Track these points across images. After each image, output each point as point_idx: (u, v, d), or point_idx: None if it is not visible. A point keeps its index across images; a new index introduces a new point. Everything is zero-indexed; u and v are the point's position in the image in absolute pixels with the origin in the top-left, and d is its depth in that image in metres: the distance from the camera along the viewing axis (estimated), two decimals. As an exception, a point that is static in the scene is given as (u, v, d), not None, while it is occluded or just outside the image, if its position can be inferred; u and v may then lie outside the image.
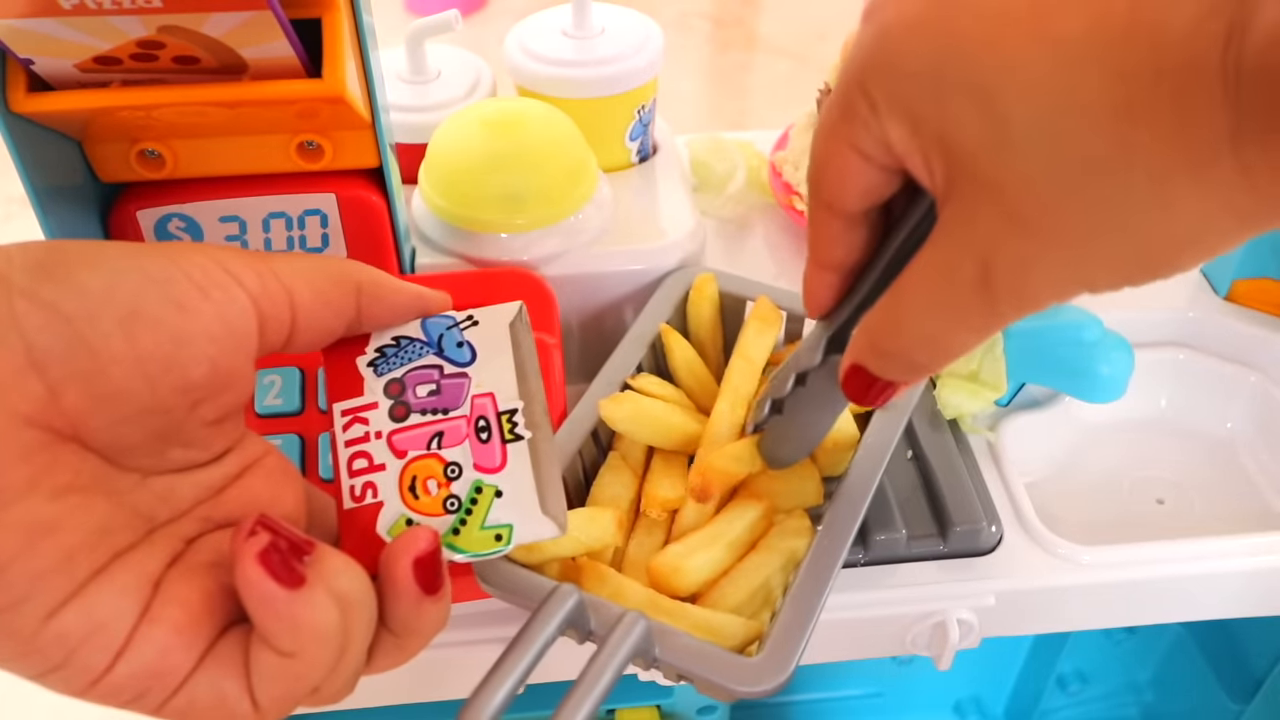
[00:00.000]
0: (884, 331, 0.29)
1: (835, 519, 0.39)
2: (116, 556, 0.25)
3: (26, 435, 0.24)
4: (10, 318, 0.24)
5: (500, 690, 0.31)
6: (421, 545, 0.28)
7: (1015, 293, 0.25)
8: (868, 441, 0.42)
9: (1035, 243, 0.24)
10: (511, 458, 0.31)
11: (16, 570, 0.23)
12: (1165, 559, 0.47)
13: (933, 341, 0.28)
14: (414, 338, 0.33)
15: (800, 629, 0.36)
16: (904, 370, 0.30)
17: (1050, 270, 0.24)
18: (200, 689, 0.26)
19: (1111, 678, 0.77)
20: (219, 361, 0.27)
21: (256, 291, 0.28)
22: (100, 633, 0.24)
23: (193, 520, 0.28)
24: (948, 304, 0.26)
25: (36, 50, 0.34)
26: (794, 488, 0.43)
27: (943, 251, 0.26)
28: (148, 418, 0.26)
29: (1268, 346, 0.56)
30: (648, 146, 0.59)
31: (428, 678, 0.47)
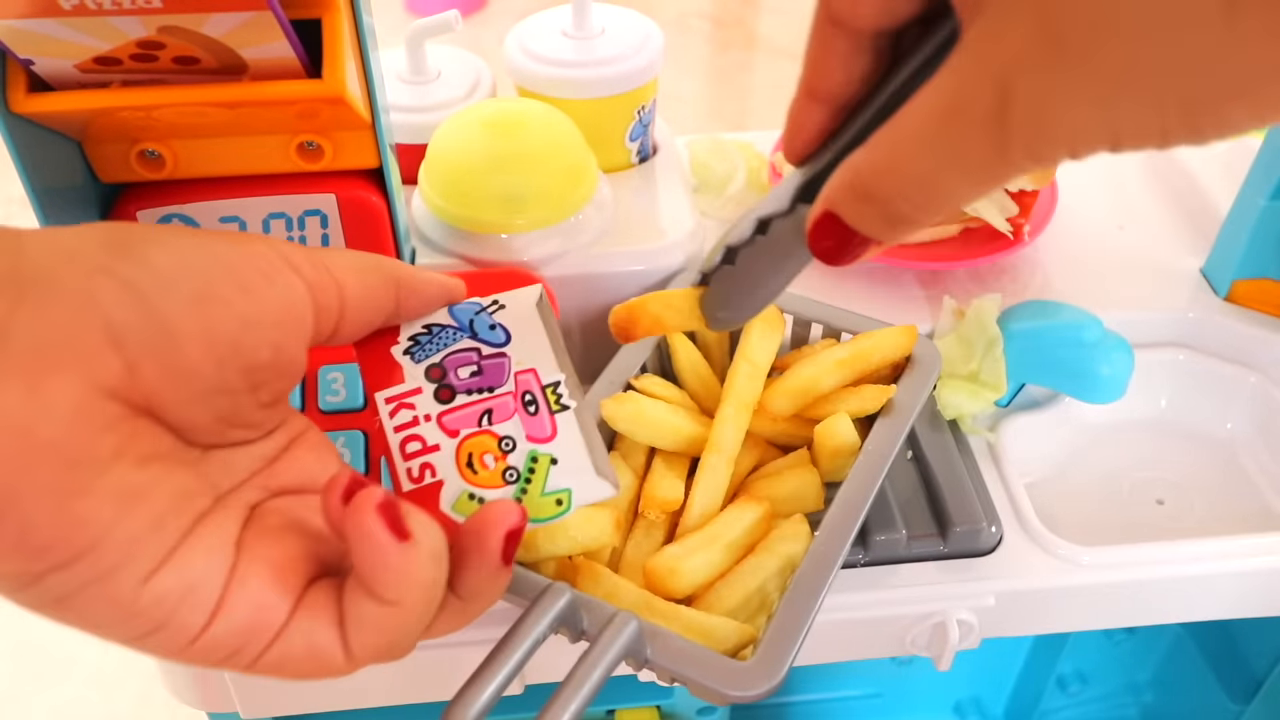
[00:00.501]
0: (871, 168, 0.26)
1: (833, 524, 0.39)
2: (199, 520, 0.26)
3: (109, 407, 0.24)
4: (89, 293, 0.24)
5: (488, 687, 0.31)
6: (514, 519, 0.29)
7: (1031, 129, 0.22)
8: (868, 448, 0.42)
9: (1069, 69, 0.21)
10: (561, 426, 0.33)
11: (112, 537, 0.24)
12: (1165, 559, 0.47)
13: (924, 183, 0.24)
14: (445, 324, 0.34)
15: (794, 634, 0.35)
16: (882, 220, 0.26)
17: (1079, 106, 0.21)
18: (294, 641, 0.27)
19: (1111, 678, 0.77)
20: (281, 346, 0.27)
21: (313, 281, 0.28)
22: (195, 592, 0.25)
23: (252, 489, 0.29)
24: (953, 136, 0.23)
25: (37, 51, 0.34)
26: (794, 492, 0.43)
27: (959, 74, 0.23)
28: (214, 397, 0.26)
29: (1268, 347, 0.56)
30: (648, 147, 0.59)
31: (426, 678, 0.47)
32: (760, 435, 0.46)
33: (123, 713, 1.16)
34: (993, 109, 0.22)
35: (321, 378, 0.45)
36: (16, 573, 0.23)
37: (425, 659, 0.46)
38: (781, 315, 0.47)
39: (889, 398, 0.44)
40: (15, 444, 0.22)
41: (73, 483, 0.23)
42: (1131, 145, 0.22)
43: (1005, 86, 0.22)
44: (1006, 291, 0.59)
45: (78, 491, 0.23)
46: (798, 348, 0.49)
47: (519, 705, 0.46)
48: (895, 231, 0.26)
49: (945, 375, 0.51)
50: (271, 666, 0.27)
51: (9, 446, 0.22)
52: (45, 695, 1.17)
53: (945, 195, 0.25)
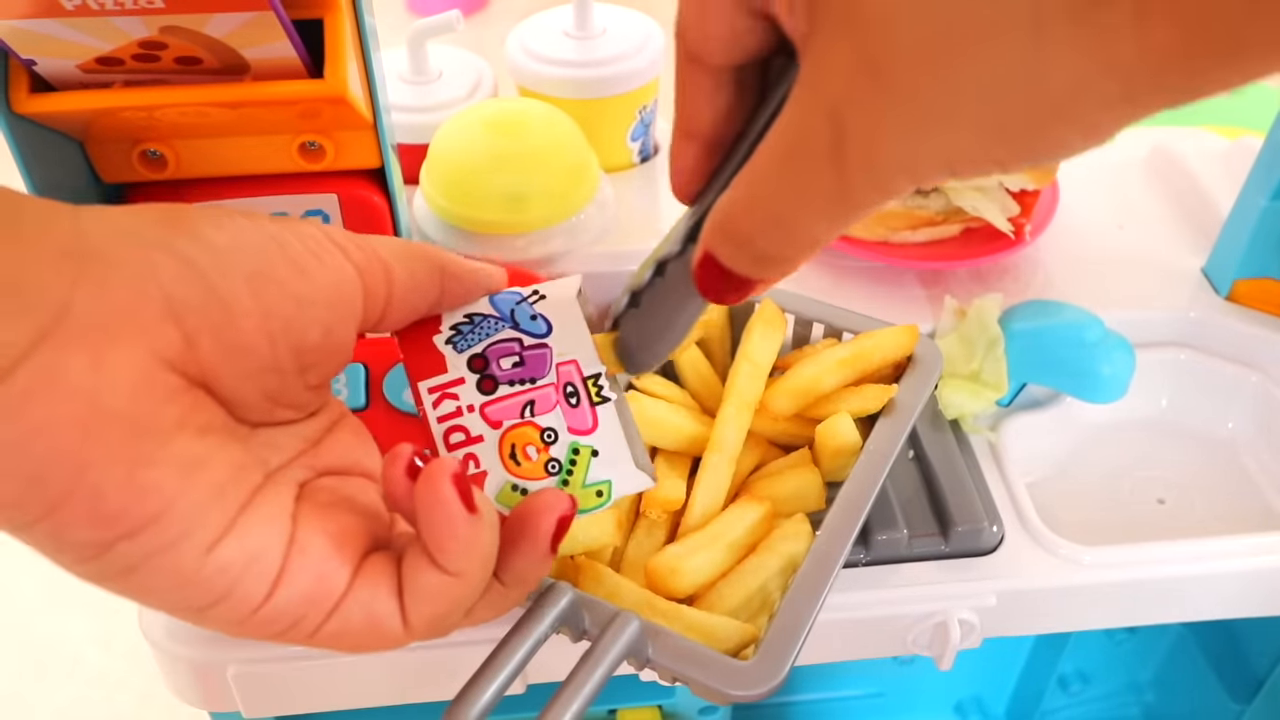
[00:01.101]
0: (731, 209, 0.25)
1: (835, 524, 0.39)
2: (255, 492, 0.26)
3: (170, 378, 0.24)
4: (148, 267, 0.24)
5: (490, 686, 0.31)
6: (565, 506, 0.29)
7: (867, 162, 0.21)
8: (870, 448, 0.42)
9: (888, 96, 0.20)
10: (602, 419, 0.33)
11: (179, 506, 0.24)
12: (1166, 559, 0.47)
13: (780, 223, 0.24)
14: (486, 314, 0.34)
15: (795, 634, 0.35)
16: (751, 261, 0.26)
17: (907, 137, 0.21)
18: (354, 610, 0.27)
19: (1113, 678, 0.77)
20: (332, 328, 0.28)
21: (362, 265, 0.29)
22: (258, 562, 0.25)
23: (299, 467, 0.29)
24: (797, 173, 0.23)
25: (39, 51, 0.34)
26: (795, 492, 0.43)
27: (795, 109, 0.22)
28: (265, 375, 0.27)
29: (1269, 346, 0.56)
30: (649, 147, 0.59)
31: (427, 678, 0.47)
32: (762, 435, 0.46)
33: (125, 712, 1.16)
34: (829, 143, 0.22)
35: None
36: (87, 541, 0.23)
37: (425, 659, 0.46)
38: (783, 315, 0.47)
39: (890, 397, 0.44)
40: (83, 413, 0.23)
41: (139, 451, 0.23)
42: (969, 172, 0.21)
43: (838, 120, 0.21)
44: (1008, 291, 0.59)
45: (144, 460, 0.23)
46: (799, 347, 0.49)
47: (521, 705, 0.46)
48: (765, 270, 0.26)
49: (946, 375, 0.51)
50: (331, 637, 0.27)
51: (78, 415, 0.22)
52: (48, 695, 1.17)
53: (801, 232, 0.24)
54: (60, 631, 1.22)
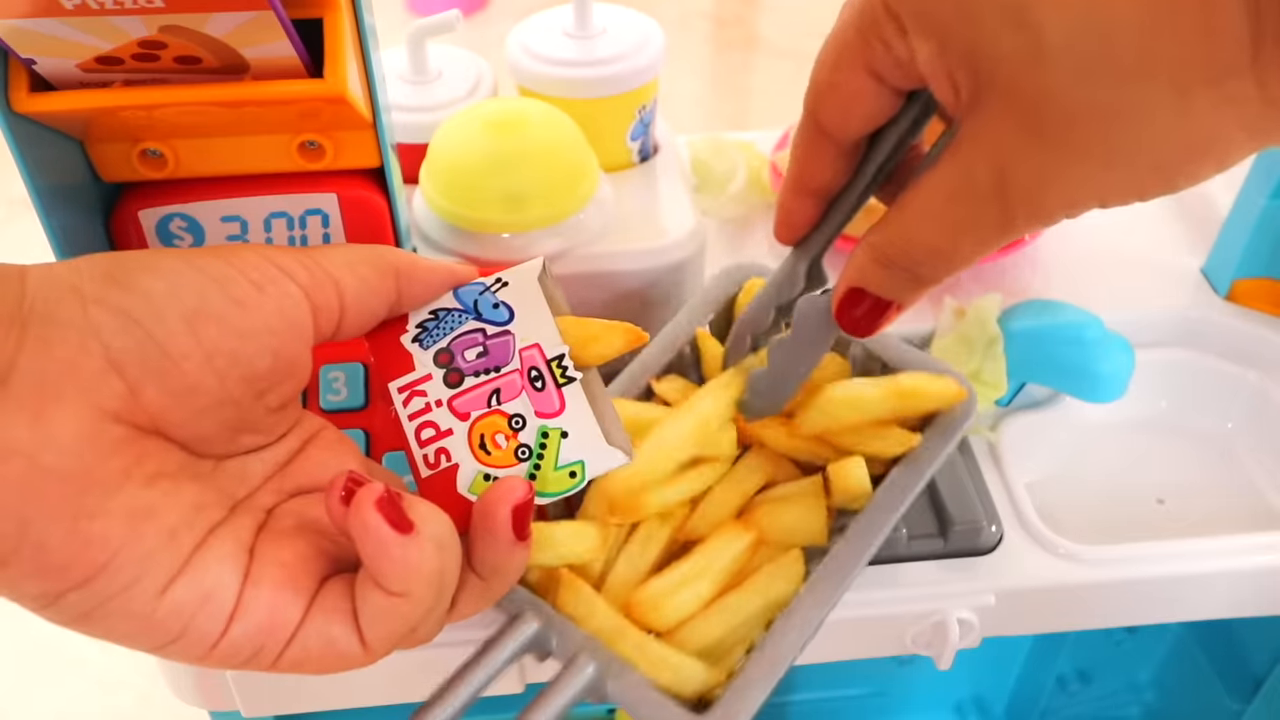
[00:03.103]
0: (890, 243, 0.30)
1: (828, 572, 0.38)
2: (211, 531, 0.27)
3: (115, 431, 0.25)
4: (87, 323, 0.25)
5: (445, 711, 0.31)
6: (520, 493, 0.30)
7: (1030, 203, 0.26)
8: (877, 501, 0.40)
9: (1055, 154, 0.25)
10: (569, 399, 0.33)
11: (125, 555, 0.25)
12: (1166, 559, 0.47)
13: (939, 252, 0.29)
14: (450, 308, 0.34)
15: (756, 692, 0.35)
16: (907, 283, 0.30)
17: (1067, 182, 0.25)
18: (311, 638, 0.27)
19: (1112, 677, 0.77)
20: (280, 352, 0.28)
21: (307, 284, 0.29)
22: (211, 600, 0.26)
23: (267, 493, 0.30)
24: (958, 214, 0.27)
25: (38, 50, 0.34)
26: (796, 523, 0.41)
27: (958, 163, 0.27)
28: (220, 409, 0.27)
29: (1268, 346, 0.56)
30: (649, 146, 0.59)
31: (427, 677, 0.47)
32: (777, 449, 0.43)
33: (125, 711, 1.16)
34: (993, 189, 0.26)
35: (323, 377, 0.45)
36: (38, 593, 0.24)
37: (425, 658, 0.46)
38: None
39: (910, 446, 0.41)
40: (23, 473, 0.23)
41: (82, 506, 0.24)
42: (1117, 203, 0.26)
43: (1002, 171, 0.26)
44: (1007, 291, 0.59)
45: (88, 513, 0.24)
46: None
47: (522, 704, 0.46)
48: (916, 292, 0.31)
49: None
50: (292, 664, 0.27)
51: (17, 476, 0.23)
52: (48, 694, 1.17)
53: (960, 258, 0.29)
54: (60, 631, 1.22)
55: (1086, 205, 0.26)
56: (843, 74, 0.29)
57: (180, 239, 0.42)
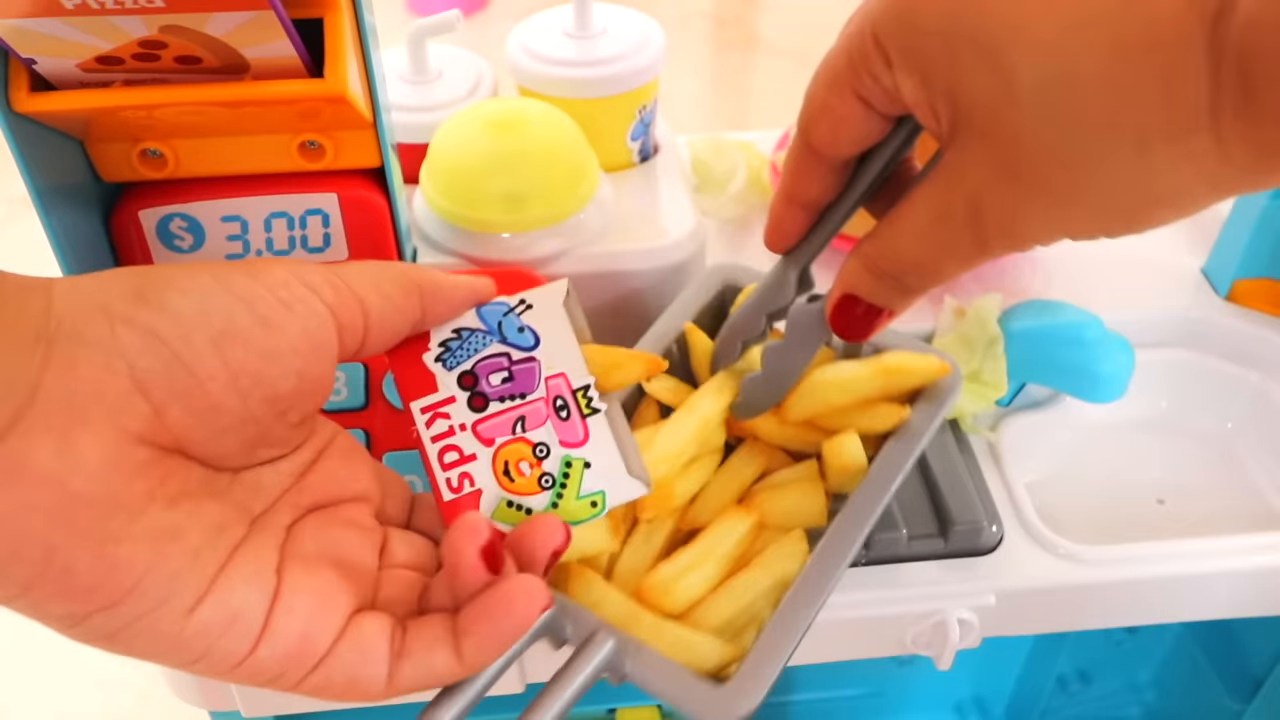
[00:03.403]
0: (880, 253, 0.31)
1: (828, 550, 0.38)
2: (235, 550, 0.27)
3: (139, 453, 0.25)
4: (114, 344, 0.25)
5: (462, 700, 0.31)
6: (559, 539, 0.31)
7: (1002, 232, 0.27)
8: (873, 474, 0.41)
9: (1023, 191, 0.26)
10: (593, 430, 0.33)
11: (152, 577, 0.25)
12: (1166, 559, 0.47)
13: (924, 267, 0.30)
14: (474, 328, 0.34)
15: (774, 660, 0.35)
16: (896, 293, 0.32)
17: (1035, 217, 0.27)
18: (336, 669, 0.28)
19: (1112, 678, 0.77)
20: (305, 373, 0.28)
21: (334, 302, 0.29)
22: (238, 621, 0.26)
23: (285, 508, 0.30)
24: (940, 235, 0.29)
25: (39, 50, 0.34)
26: (796, 506, 0.42)
27: (940, 189, 0.28)
28: (242, 428, 0.27)
29: (1268, 346, 0.56)
30: (649, 146, 0.59)
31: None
32: (770, 440, 0.44)
33: (125, 711, 1.16)
34: (968, 217, 0.28)
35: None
36: (64, 614, 0.25)
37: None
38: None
39: (902, 418, 0.42)
40: (50, 498, 0.23)
41: (108, 530, 0.24)
42: (1085, 238, 0.27)
43: (975, 202, 0.27)
44: (1007, 291, 0.59)
45: (114, 538, 0.24)
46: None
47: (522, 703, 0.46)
48: (905, 300, 0.32)
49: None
50: (313, 690, 0.28)
51: (44, 501, 0.23)
52: (48, 693, 1.17)
53: (944, 274, 0.30)
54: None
55: (1056, 238, 0.27)
56: (834, 98, 0.30)
57: (180, 239, 0.42)
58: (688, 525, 0.42)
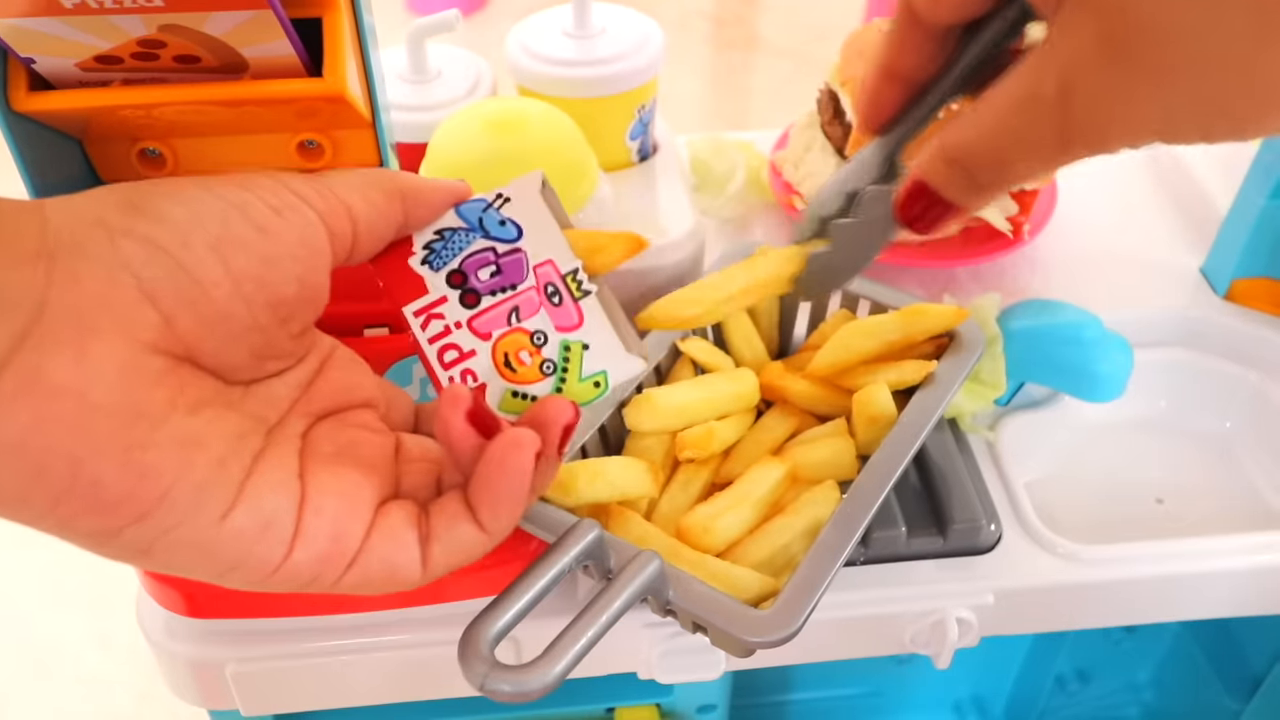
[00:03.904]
0: (956, 142, 0.29)
1: (861, 488, 0.39)
2: (256, 458, 0.27)
3: (154, 361, 0.25)
4: (116, 255, 0.25)
5: (510, 610, 0.31)
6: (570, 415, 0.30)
7: (1089, 121, 0.25)
8: (904, 419, 0.42)
9: (1124, 71, 0.24)
10: (586, 312, 0.33)
11: (180, 485, 0.24)
12: (1164, 558, 0.47)
13: (998, 159, 0.28)
14: (455, 227, 0.34)
15: (813, 586, 0.36)
16: (966, 188, 0.29)
17: (1131, 104, 0.24)
18: (372, 562, 0.28)
19: (1111, 677, 0.77)
20: (305, 279, 0.28)
21: (323, 210, 0.29)
22: (271, 527, 0.26)
23: (297, 416, 0.30)
24: (1022, 121, 0.26)
25: (38, 49, 0.34)
26: (828, 459, 0.43)
27: (1032, 69, 0.26)
28: (248, 336, 0.27)
29: (1267, 346, 0.56)
30: (648, 146, 0.59)
31: (427, 676, 0.48)
32: (797, 404, 0.46)
33: (124, 711, 1.16)
34: (1056, 101, 0.25)
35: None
36: (96, 530, 0.24)
37: (425, 658, 0.46)
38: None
39: (929, 372, 0.44)
40: (71, 409, 0.23)
41: (133, 438, 0.24)
42: (1180, 140, 0.24)
43: (1068, 81, 0.25)
44: (1006, 290, 0.59)
45: (139, 445, 0.24)
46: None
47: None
48: (978, 198, 0.30)
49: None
50: (350, 587, 0.28)
51: (66, 413, 0.23)
52: (47, 693, 1.17)
53: (1017, 171, 0.28)
54: (59, 630, 1.22)
55: (1147, 134, 0.25)
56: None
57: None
58: (723, 478, 0.43)
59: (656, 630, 0.46)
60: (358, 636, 0.46)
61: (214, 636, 0.46)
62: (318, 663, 0.46)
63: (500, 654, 0.31)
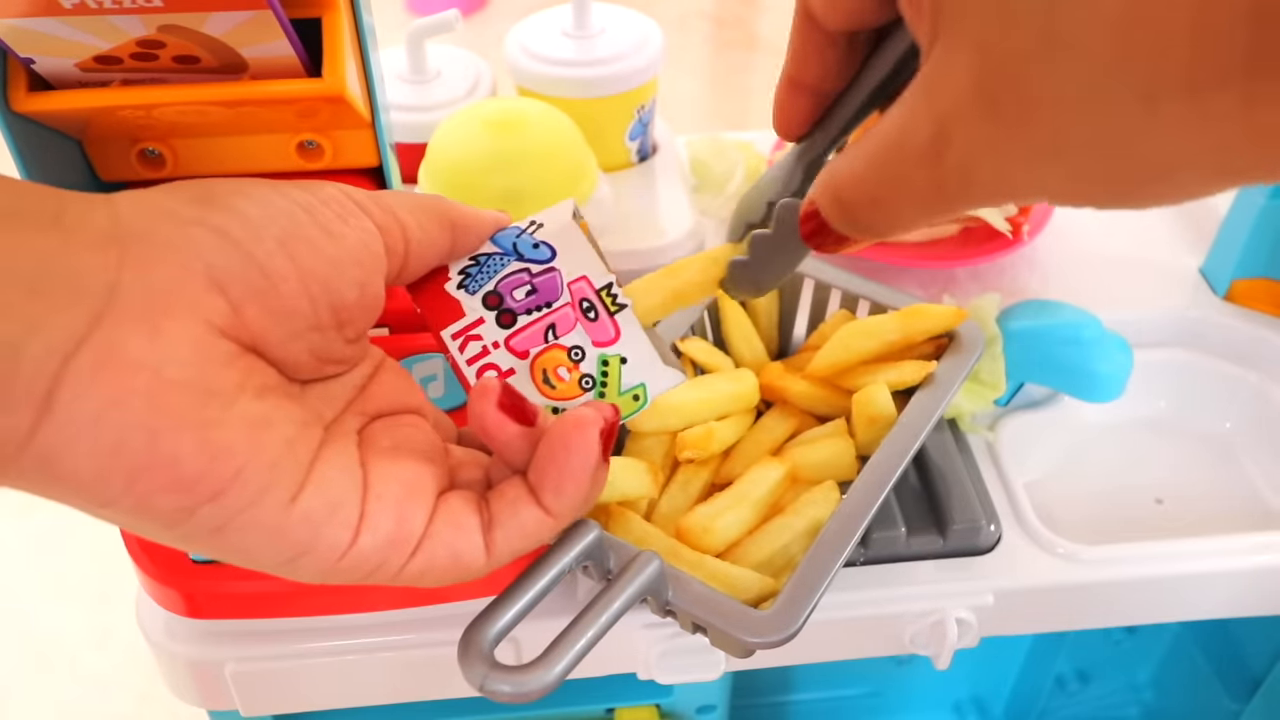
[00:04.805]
0: (840, 178, 0.27)
1: (860, 488, 0.40)
2: (321, 445, 0.27)
3: (224, 345, 0.25)
4: (188, 242, 0.25)
5: (510, 610, 0.31)
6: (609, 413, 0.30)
7: (965, 174, 0.23)
8: (903, 420, 0.42)
9: (1000, 127, 0.22)
10: (623, 326, 0.34)
11: (253, 465, 0.25)
12: (1164, 558, 0.47)
13: (878, 204, 0.26)
14: (490, 253, 0.34)
15: (813, 587, 0.36)
16: (851, 226, 0.28)
17: (1007, 162, 0.22)
18: (437, 550, 0.28)
19: (1111, 677, 0.77)
20: (365, 285, 0.29)
21: (381, 224, 0.30)
22: (339, 510, 0.26)
23: (351, 415, 0.30)
24: (897, 169, 0.24)
25: (37, 49, 0.34)
26: (827, 459, 0.43)
27: (909, 107, 0.24)
28: (310, 335, 0.28)
29: (1267, 346, 0.56)
30: (648, 146, 0.59)
31: (427, 677, 0.48)
32: (797, 405, 0.46)
33: (124, 711, 1.16)
34: (931, 149, 0.23)
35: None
36: (172, 508, 0.24)
37: (425, 658, 0.46)
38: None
39: (929, 372, 0.44)
40: (148, 384, 0.23)
41: (206, 416, 0.24)
42: (1065, 204, 0.23)
43: (944, 131, 0.23)
44: (1006, 290, 0.59)
45: (213, 423, 0.24)
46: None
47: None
48: (862, 236, 0.28)
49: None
50: (415, 576, 0.28)
51: (143, 387, 0.23)
52: (46, 693, 1.17)
53: (896, 216, 0.26)
54: (59, 629, 1.22)
55: (1029, 195, 0.23)
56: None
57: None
58: (722, 478, 0.43)
59: (656, 630, 0.46)
60: (358, 637, 0.46)
61: (213, 637, 0.46)
62: (317, 663, 0.46)
63: (500, 654, 0.31)
